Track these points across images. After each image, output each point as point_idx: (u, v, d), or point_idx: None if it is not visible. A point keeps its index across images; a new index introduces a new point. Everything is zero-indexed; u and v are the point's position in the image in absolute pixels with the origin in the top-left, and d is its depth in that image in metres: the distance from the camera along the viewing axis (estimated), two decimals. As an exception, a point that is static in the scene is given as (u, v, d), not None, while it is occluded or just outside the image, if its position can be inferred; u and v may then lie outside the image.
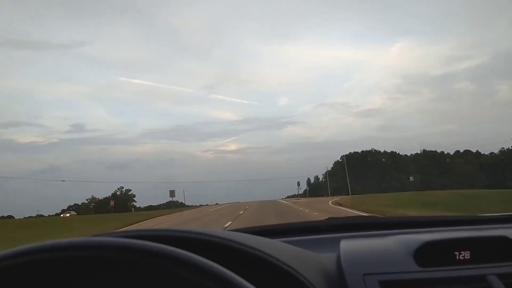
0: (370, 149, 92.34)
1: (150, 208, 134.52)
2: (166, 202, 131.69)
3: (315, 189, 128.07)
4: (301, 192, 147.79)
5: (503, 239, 0.79)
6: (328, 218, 1.45)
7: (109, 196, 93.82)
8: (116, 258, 0.42)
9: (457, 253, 0.76)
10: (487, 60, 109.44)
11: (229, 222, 15.06)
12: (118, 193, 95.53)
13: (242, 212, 23.91)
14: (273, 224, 1.37)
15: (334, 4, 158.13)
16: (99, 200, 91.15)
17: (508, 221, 1.23)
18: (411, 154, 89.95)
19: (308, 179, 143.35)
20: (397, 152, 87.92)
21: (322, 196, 78.79)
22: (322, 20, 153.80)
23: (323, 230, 1.23)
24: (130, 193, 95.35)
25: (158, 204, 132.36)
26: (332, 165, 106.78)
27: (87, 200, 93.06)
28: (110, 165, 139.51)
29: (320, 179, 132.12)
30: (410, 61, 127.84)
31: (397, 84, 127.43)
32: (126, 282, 0.43)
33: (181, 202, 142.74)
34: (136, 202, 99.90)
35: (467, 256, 0.76)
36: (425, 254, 0.76)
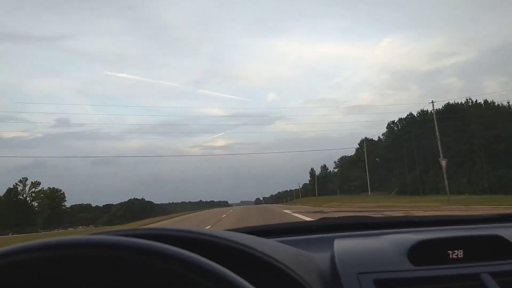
0: (465, 100, 48.95)
1: (106, 208, 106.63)
2: (128, 201, 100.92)
3: (323, 183, 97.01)
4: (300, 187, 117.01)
5: (496, 238, 0.80)
6: (321, 218, 1.49)
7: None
8: (110, 257, 0.42)
9: (450, 251, 0.77)
10: (475, 56, 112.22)
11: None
12: (20, 187, 58.32)
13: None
14: (268, 224, 1.41)
15: (323, 0, 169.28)
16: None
17: (501, 221, 1.26)
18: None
19: (312, 170, 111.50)
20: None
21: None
22: (311, 16, 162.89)
23: (316, 230, 1.25)
24: (38, 188, 57.96)
25: (118, 203, 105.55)
26: (357, 146, 72.68)
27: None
28: (95, 160, 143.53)
29: (330, 169, 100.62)
30: (398, 57, 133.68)
31: (386, 80, 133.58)
32: (122, 280, 0.43)
33: (147, 201, 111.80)
34: (65, 202, 64.37)
35: (460, 255, 0.77)
36: (419, 253, 0.77)
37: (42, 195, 59.55)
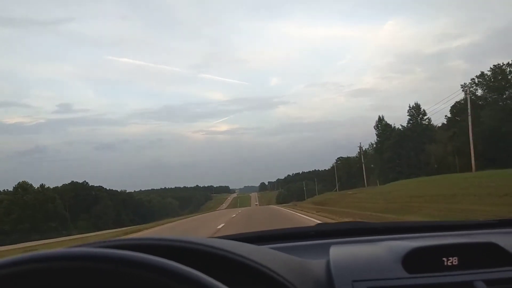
0: None
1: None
2: (18, 185, 54.62)
3: (390, 156, 51.07)
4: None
5: (491, 245, 0.80)
6: (318, 224, 1.47)
7: None
8: (94, 269, 0.41)
9: (445, 259, 0.77)
10: (480, 38, 77.56)
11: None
12: None
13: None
14: (262, 230, 1.39)
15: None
16: None
17: (495, 227, 1.26)
18: None
19: (381, 118, 58.38)
20: None
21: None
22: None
23: (312, 236, 1.24)
24: None
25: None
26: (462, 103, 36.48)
27: None
28: (97, 145, 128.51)
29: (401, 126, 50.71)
30: (403, 40, 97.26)
31: (390, 63, 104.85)
32: None
33: (90, 186, 67.12)
34: None
35: (455, 262, 0.77)
36: (413, 260, 0.77)
37: None
